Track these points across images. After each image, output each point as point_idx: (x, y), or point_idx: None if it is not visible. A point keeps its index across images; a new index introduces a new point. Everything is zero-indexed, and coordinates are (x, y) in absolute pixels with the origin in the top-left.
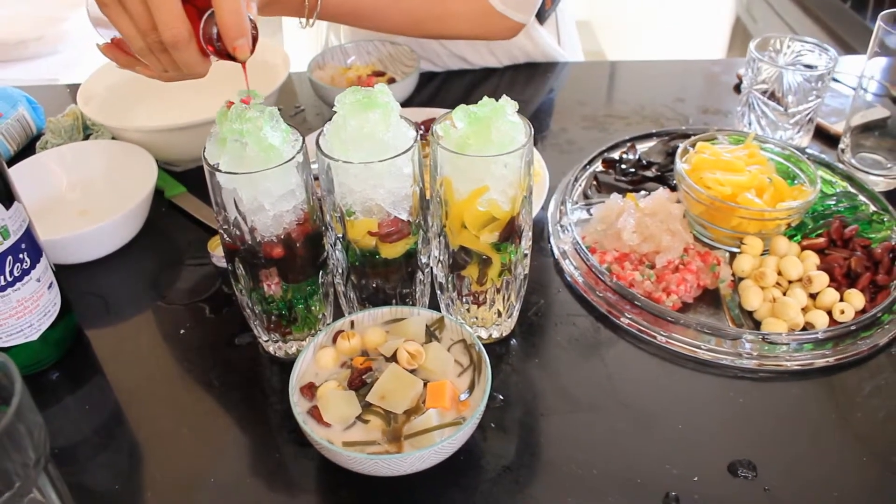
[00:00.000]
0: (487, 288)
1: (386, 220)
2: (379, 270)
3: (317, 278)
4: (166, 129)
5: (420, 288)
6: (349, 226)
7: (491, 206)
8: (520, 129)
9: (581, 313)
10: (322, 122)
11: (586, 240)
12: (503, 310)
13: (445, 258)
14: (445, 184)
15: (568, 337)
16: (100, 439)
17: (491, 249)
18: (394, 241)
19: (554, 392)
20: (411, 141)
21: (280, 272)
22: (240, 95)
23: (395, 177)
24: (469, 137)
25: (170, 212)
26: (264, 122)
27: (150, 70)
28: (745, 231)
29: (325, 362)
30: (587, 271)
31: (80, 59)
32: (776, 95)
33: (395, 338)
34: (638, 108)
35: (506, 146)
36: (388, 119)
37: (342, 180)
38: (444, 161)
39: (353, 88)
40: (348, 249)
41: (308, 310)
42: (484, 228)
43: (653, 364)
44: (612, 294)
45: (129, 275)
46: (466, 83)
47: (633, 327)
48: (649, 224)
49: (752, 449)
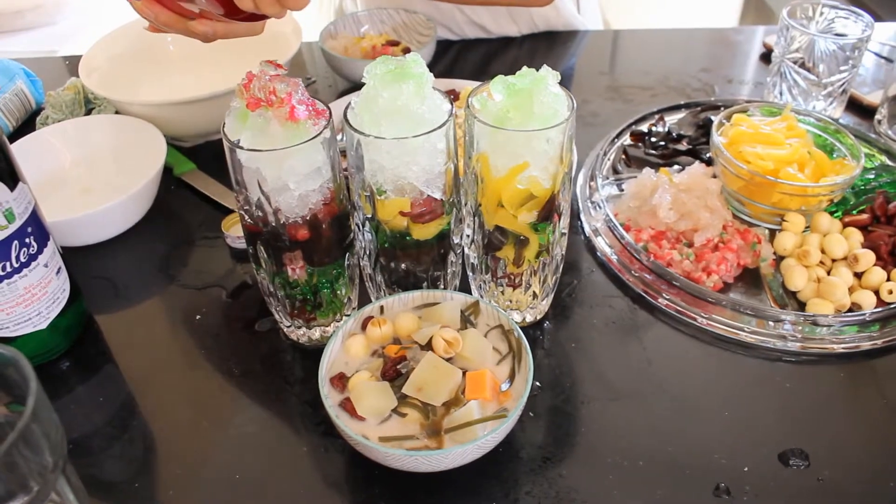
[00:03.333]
0: (523, 270)
1: (419, 199)
2: (410, 252)
3: (343, 261)
4: (174, 103)
5: (452, 270)
6: (379, 206)
7: (531, 184)
8: (562, 101)
9: (616, 294)
10: (334, 95)
11: (619, 217)
12: (539, 292)
13: (480, 238)
14: (482, 160)
15: (604, 319)
16: (114, 430)
17: (529, 229)
18: (426, 222)
19: (592, 378)
20: (446, 114)
21: (305, 255)
22: (261, 67)
23: (430, 153)
24: (509, 110)
25: (179, 190)
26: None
27: (197, 27)
28: (786, 207)
29: (356, 351)
30: (621, 250)
31: (81, 29)
32: (806, 65)
33: (428, 324)
34: (662, 79)
35: (548, 120)
36: (422, 91)
37: (373, 157)
38: (480, 136)
39: (383, 58)
40: (378, 231)
41: (334, 294)
42: (522, 207)
43: (693, 347)
44: (648, 274)
45: (138, 257)
46: (484, 52)
47: (671, 308)
48: (686, 200)
49: (802, 437)
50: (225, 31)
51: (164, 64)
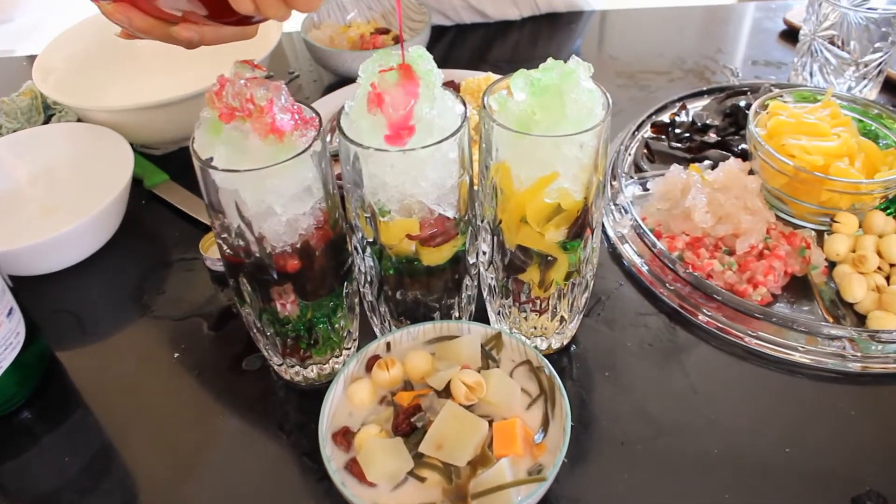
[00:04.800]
0: (551, 293)
1: (428, 219)
2: (419, 280)
3: (341, 290)
4: (144, 108)
5: (467, 294)
6: (382, 228)
7: (560, 197)
8: (597, 98)
9: (651, 311)
10: (320, 91)
11: (647, 221)
12: (568, 316)
13: (499, 259)
14: (502, 171)
15: (639, 341)
16: (86, 484)
17: (558, 249)
18: (438, 245)
19: (632, 412)
20: (460, 118)
21: (296, 288)
22: (236, 68)
23: (441, 165)
24: (534, 112)
25: (151, 205)
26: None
27: (181, 33)
28: (835, 206)
29: (360, 399)
30: (652, 259)
31: (41, 25)
32: (835, 42)
33: (444, 363)
34: (677, 61)
35: (582, 122)
36: (431, 92)
37: (373, 172)
38: (500, 142)
39: (382, 52)
40: (381, 256)
41: (331, 328)
42: (549, 223)
43: (741, 370)
44: (684, 286)
45: (107, 285)
46: (482, 38)
47: (713, 326)
48: (723, 202)
49: (876, 475)
50: (213, 37)
51: (132, 63)
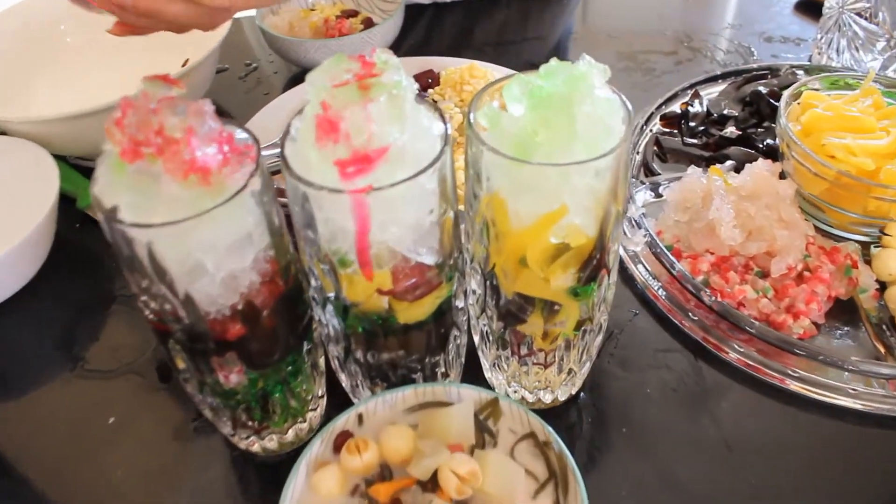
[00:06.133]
0: (557, 345)
1: (403, 268)
2: (394, 339)
3: (301, 349)
4: (70, 118)
5: (455, 346)
6: (345, 282)
7: (569, 234)
8: (616, 109)
9: (672, 347)
10: (283, 83)
11: (664, 236)
12: (577, 368)
13: (493, 305)
14: (495, 204)
15: (660, 386)
16: None
17: (566, 296)
18: (418, 299)
19: (657, 480)
20: (439, 141)
21: (242, 357)
22: (144, 86)
23: (417, 201)
24: (536, 130)
25: (86, 229)
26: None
27: None
28: (883, 216)
29: (328, 489)
30: (671, 281)
31: None
32: (863, 15)
33: (429, 441)
34: (683, 38)
35: (598, 141)
36: (399, 110)
37: (329, 215)
38: (493, 170)
39: (335, 59)
40: (346, 314)
41: (290, 394)
42: (554, 263)
43: (784, 420)
44: (710, 315)
45: (31, 331)
46: (464, 18)
47: (744, 364)
48: (753, 213)
49: None
50: None
51: (58, 61)
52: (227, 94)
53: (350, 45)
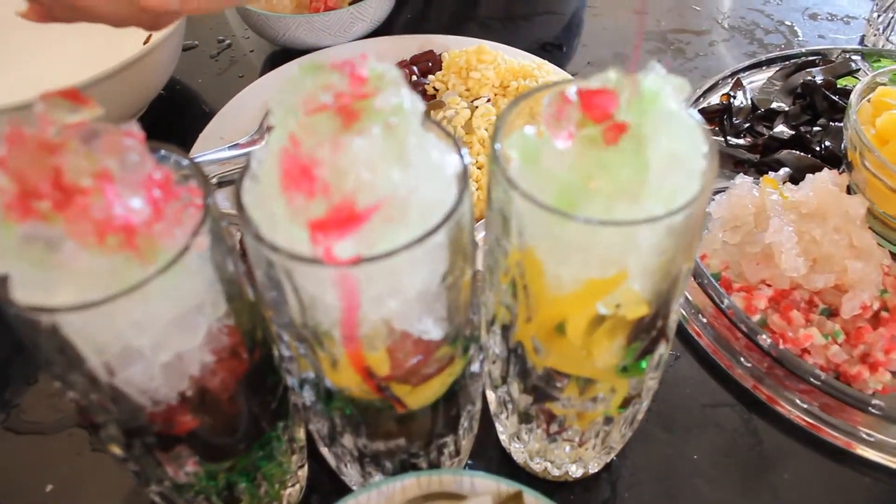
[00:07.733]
0: (596, 422)
1: (405, 344)
2: (391, 427)
3: (273, 433)
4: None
5: (468, 420)
6: (326, 365)
7: (625, 303)
8: (697, 142)
9: (722, 400)
10: (261, 64)
11: (710, 262)
12: (618, 444)
13: (516, 377)
14: (528, 263)
15: (710, 450)
16: None
17: (613, 375)
18: (423, 382)
19: None
20: (455, 184)
21: (196, 450)
22: (43, 107)
23: (425, 264)
24: (589, 173)
25: None
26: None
27: None
28: None
29: None
30: (717, 316)
31: None
32: None
33: None
34: (717, 16)
35: (675, 189)
36: (400, 145)
37: (302, 284)
38: (528, 221)
39: (309, 68)
40: (329, 400)
41: (263, 478)
42: (598, 332)
43: (857, 494)
44: (764, 359)
45: None
46: None
47: (805, 423)
48: (818, 236)
49: None
50: None
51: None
52: (196, 76)
53: (338, 22)
